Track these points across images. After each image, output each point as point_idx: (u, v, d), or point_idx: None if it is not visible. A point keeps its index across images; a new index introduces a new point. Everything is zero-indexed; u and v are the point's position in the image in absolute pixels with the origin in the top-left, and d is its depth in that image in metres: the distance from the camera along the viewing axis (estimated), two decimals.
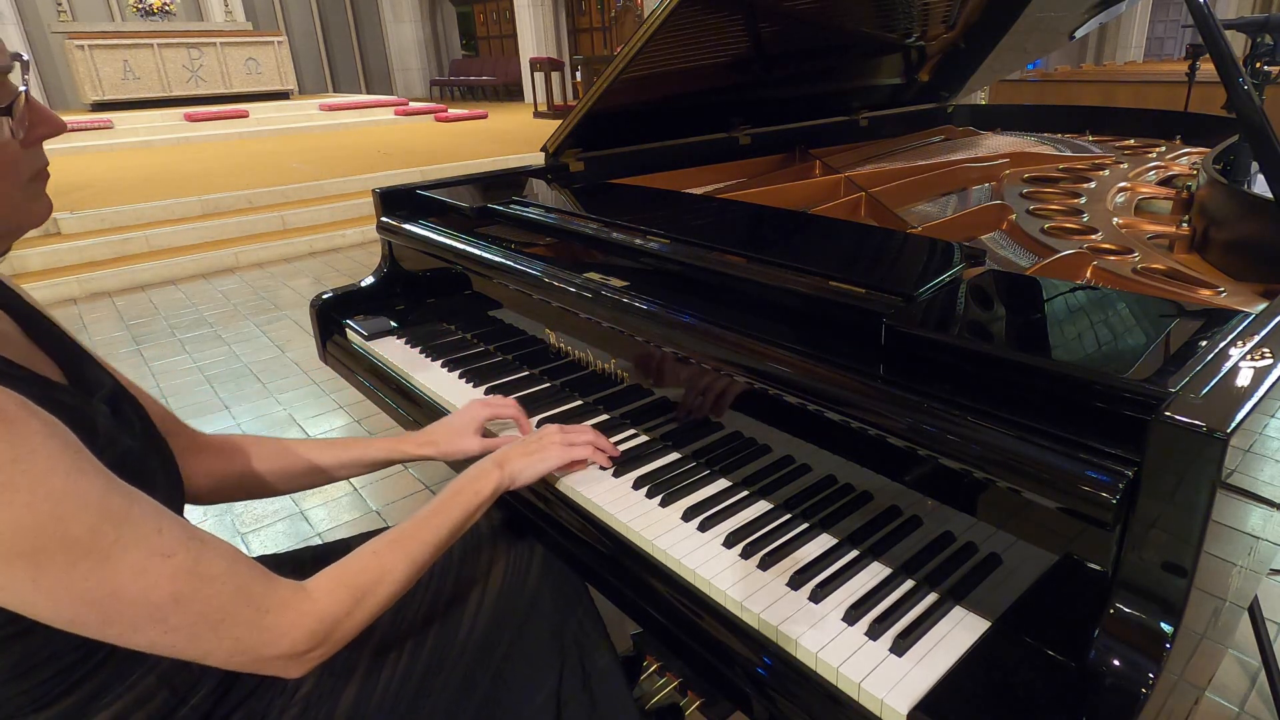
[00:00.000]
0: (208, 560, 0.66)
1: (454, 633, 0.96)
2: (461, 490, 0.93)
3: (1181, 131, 2.45)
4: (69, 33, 10.76)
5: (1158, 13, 13.65)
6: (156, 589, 0.62)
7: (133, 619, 0.62)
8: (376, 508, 2.39)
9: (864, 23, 1.99)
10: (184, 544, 0.65)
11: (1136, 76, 6.81)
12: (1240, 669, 1.65)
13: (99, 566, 0.59)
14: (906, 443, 0.80)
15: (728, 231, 1.37)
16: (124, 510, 0.62)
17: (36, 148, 0.70)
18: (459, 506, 0.91)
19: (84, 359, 0.80)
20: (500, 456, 1.00)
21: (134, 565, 0.61)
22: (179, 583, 0.63)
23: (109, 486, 0.62)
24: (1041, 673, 0.72)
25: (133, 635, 0.63)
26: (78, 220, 5.26)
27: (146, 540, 0.62)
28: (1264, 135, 1.19)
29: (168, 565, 0.63)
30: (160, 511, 0.65)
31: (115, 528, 0.60)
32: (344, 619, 0.74)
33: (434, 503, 0.90)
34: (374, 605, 0.78)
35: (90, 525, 0.59)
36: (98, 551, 0.59)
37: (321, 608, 0.72)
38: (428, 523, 0.87)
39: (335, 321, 1.75)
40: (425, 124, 11.03)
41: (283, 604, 0.70)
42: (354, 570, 0.78)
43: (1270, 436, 0.73)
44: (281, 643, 0.69)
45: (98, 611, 0.61)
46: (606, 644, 1.08)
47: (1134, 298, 0.96)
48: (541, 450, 1.04)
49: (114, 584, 0.60)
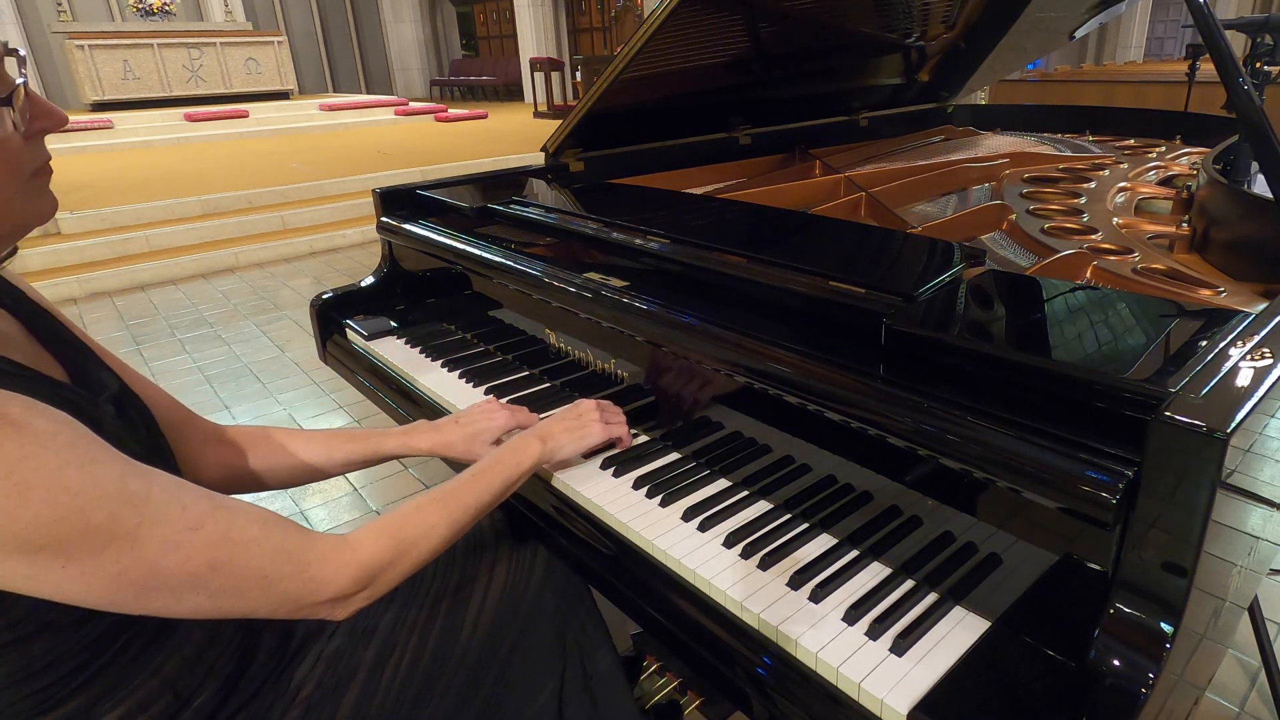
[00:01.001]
0: (240, 526, 0.68)
1: (456, 635, 0.96)
2: (503, 460, 0.95)
3: (1181, 131, 2.45)
4: (69, 33, 10.76)
5: (1158, 13, 13.65)
6: (191, 560, 0.64)
7: (174, 590, 0.64)
8: (377, 508, 2.39)
9: (864, 23, 1.99)
10: (212, 514, 0.66)
11: (1136, 76, 6.82)
12: (1240, 669, 1.65)
13: (127, 549, 0.61)
14: (906, 443, 0.80)
15: (728, 231, 1.37)
16: (144, 491, 0.63)
17: (38, 142, 0.70)
18: (500, 475, 0.93)
19: (89, 359, 0.79)
20: (543, 431, 1.02)
21: (164, 542, 0.62)
22: (213, 551, 0.65)
23: (126, 470, 0.63)
24: (1041, 673, 0.72)
25: (176, 605, 0.65)
26: (78, 220, 5.26)
27: (171, 518, 0.63)
28: (1264, 135, 1.19)
29: (198, 537, 0.64)
30: (183, 487, 0.67)
31: (137, 510, 0.61)
32: (386, 569, 0.77)
33: (476, 468, 0.93)
34: (415, 558, 0.80)
35: (110, 512, 0.60)
36: (122, 535, 0.60)
37: (364, 557, 0.75)
38: (471, 486, 0.89)
39: (335, 321, 1.75)
40: (425, 124, 11.03)
41: (322, 558, 0.73)
42: (398, 524, 0.80)
43: (1270, 436, 0.73)
44: (326, 590, 0.72)
45: (134, 588, 0.62)
46: (608, 645, 1.08)
47: (1134, 298, 0.96)
48: (583, 427, 1.06)
49: (147, 562, 0.62)
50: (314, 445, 1.07)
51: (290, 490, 2.51)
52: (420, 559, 0.81)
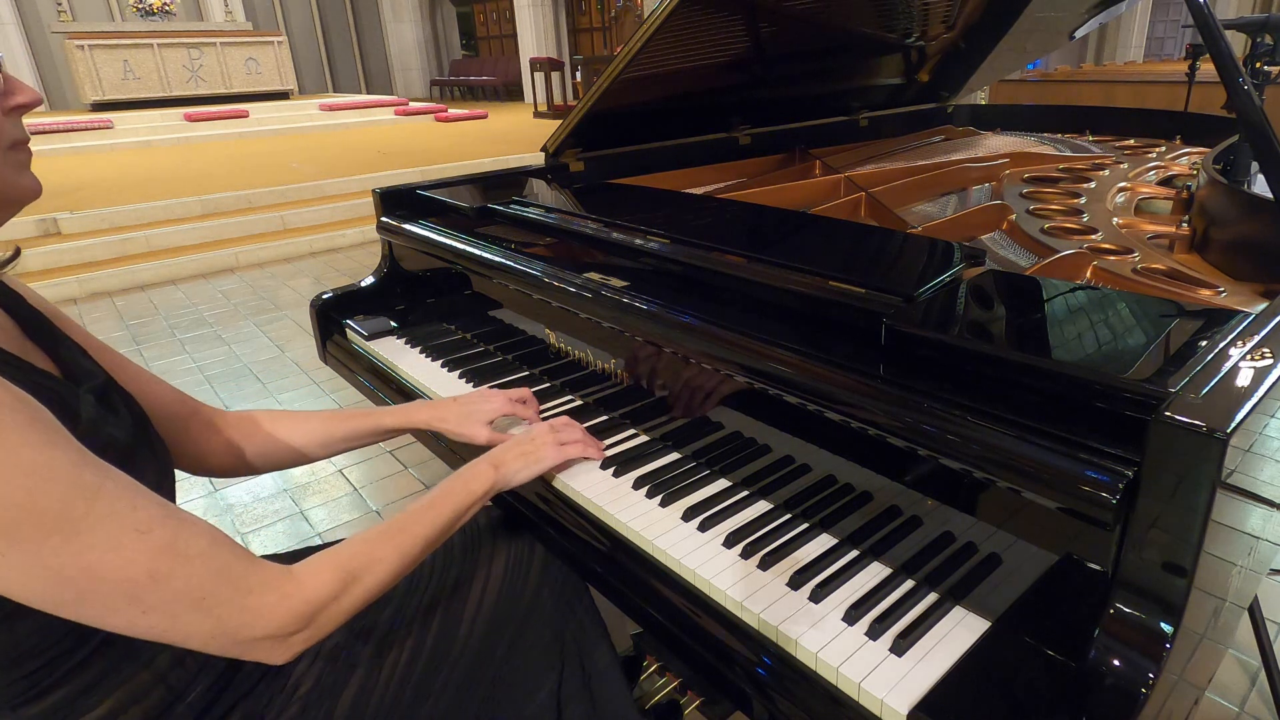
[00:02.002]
0: (186, 538, 0.65)
1: (454, 632, 0.96)
2: (454, 490, 0.93)
3: (1181, 131, 2.45)
4: (69, 33, 10.76)
5: (1158, 13, 13.65)
6: (132, 565, 0.61)
7: (108, 597, 0.61)
8: (376, 508, 2.40)
9: (864, 23, 1.99)
10: (161, 521, 0.64)
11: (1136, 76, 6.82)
12: (1240, 669, 1.65)
13: (70, 540, 0.59)
14: (906, 443, 0.80)
15: (728, 231, 1.37)
16: (96, 485, 0.61)
17: (15, 119, 0.71)
18: (451, 505, 0.91)
19: (76, 353, 0.80)
20: (495, 458, 1.00)
21: (108, 540, 0.60)
22: (156, 560, 0.63)
23: (82, 461, 0.61)
24: (1041, 673, 0.72)
25: (110, 616, 0.62)
26: (78, 220, 5.26)
27: (120, 515, 0.62)
28: (1264, 135, 1.19)
29: (144, 541, 0.62)
30: (136, 489, 0.65)
31: (87, 501, 0.60)
32: (330, 603, 0.73)
33: (427, 498, 0.90)
34: (361, 593, 0.77)
35: (61, 497, 0.58)
36: (69, 525, 0.59)
37: (308, 590, 0.72)
38: (420, 517, 0.87)
39: (335, 321, 1.75)
40: (425, 124, 11.03)
41: (265, 585, 0.69)
42: (344, 555, 0.77)
43: (1270, 436, 0.73)
44: (265, 623, 0.68)
45: (73, 589, 0.60)
46: (606, 644, 1.08)
47: (1134, 298, 0.96)
48: (536, 452, 1.04)
49: (87, 559, 0.60)
50: (314, 424, 1.10)
51: (290, 491, 2.51)
52: (367, 594, 0.77)
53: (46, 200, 5.62)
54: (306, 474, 2.60)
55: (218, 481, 2.57)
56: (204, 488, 2.54)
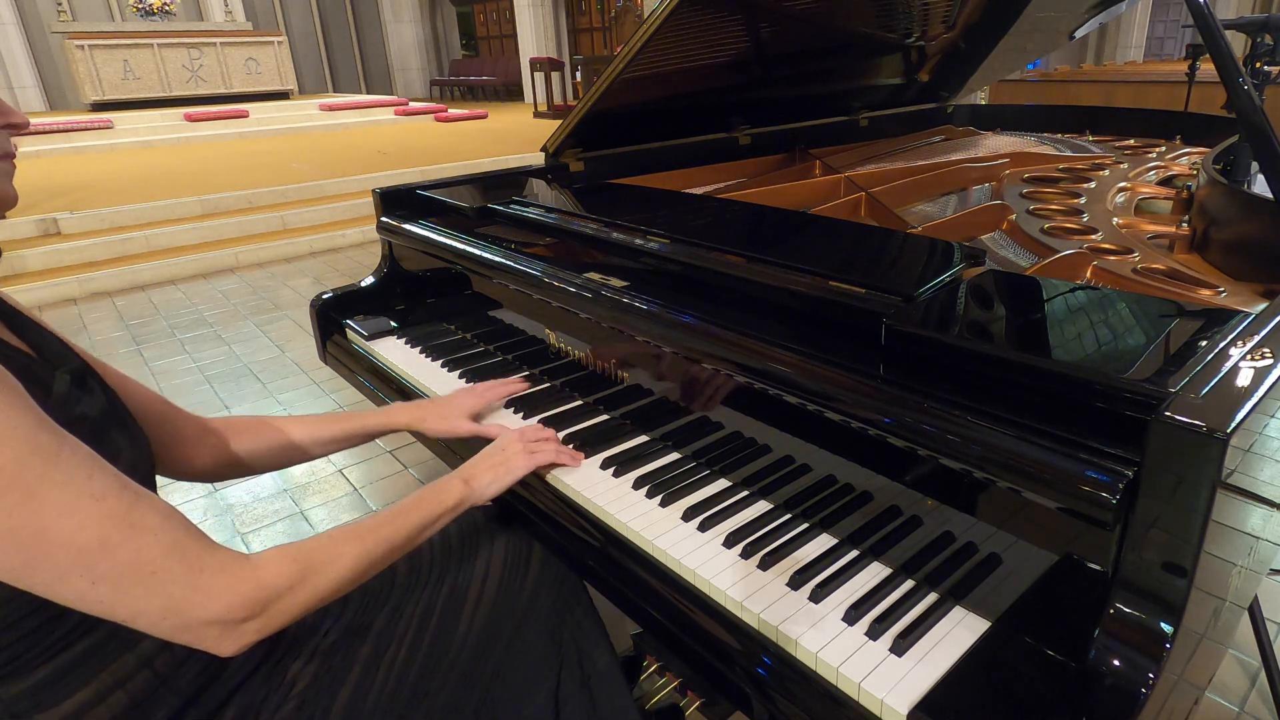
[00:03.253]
0: (141, 511, 0.65)
1: (451, 631, 0.96)
2: (425, 499, 0.93)
3: (1181, 131, 2.45)
4: (69, 33, 10.75)
5: (1158, 13, 13.64)
6: (83, 531, 0.61)
7: (58, 564, 0.61)
8: (376, 507, 2.39)
9: (864, 23, 1.99)
10: (116, 491, 0.64)
11: (1136, 76, 6.81)
12: (1240, 669, 1.64)
13: (24, 501, 0.59)
14: (906, 443, 0.80)
15: (728, 231, 1.37)
16: (54, 448, 0.61)
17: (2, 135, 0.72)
18: (419, 514, 0.91)
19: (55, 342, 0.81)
20: (466, 472, 1.01)
21: (61, 504, 0.61)
22: (107, 527, 0.62)
23: (40, 425, 0.62)
24: (1041, 673, 0.72)
25: (58, 585, 0.62)
26: (78, 220, 5.26)
27: (76, 482, 0.62)
28: (1264, 135, 1.19)
29: (97, 508, 0.62)
30: (94, 459, 0.65)
31: (43, 463, 0.60)
32: (285, 593, 0.72)
33: (397, 505, 0.91)
34: (319, 586, 0.76)
35: (16, 456, 0.59)
36: (22, 485, 0.59)
37: (262, 576, 0.71)
38: (388, 523, 0.87)
39: (335, 321, 1.75)
40: (425, 124, 11.03)
41: (220, 567, 0.68)
42: (305, 549, 0.77)
43: (1270, 436, 0.73)
44: (215, 605, 0.67)
45: (22, 553, 0.60)
46: (605, 644, 1.08)
47: (1134, 298, 0.96)
48: (506, 463, 1.04)
49: (40, 522, 0.60)
50: (299, 428, 1.11)
51: (290, 491, 2.51)
52: (325, 589, 0.76)
53: (46, 200, 5.63)
54: (306, 474, 2.60)
55: (218, 482, 2.56)
56: (204, 488, 2.53)
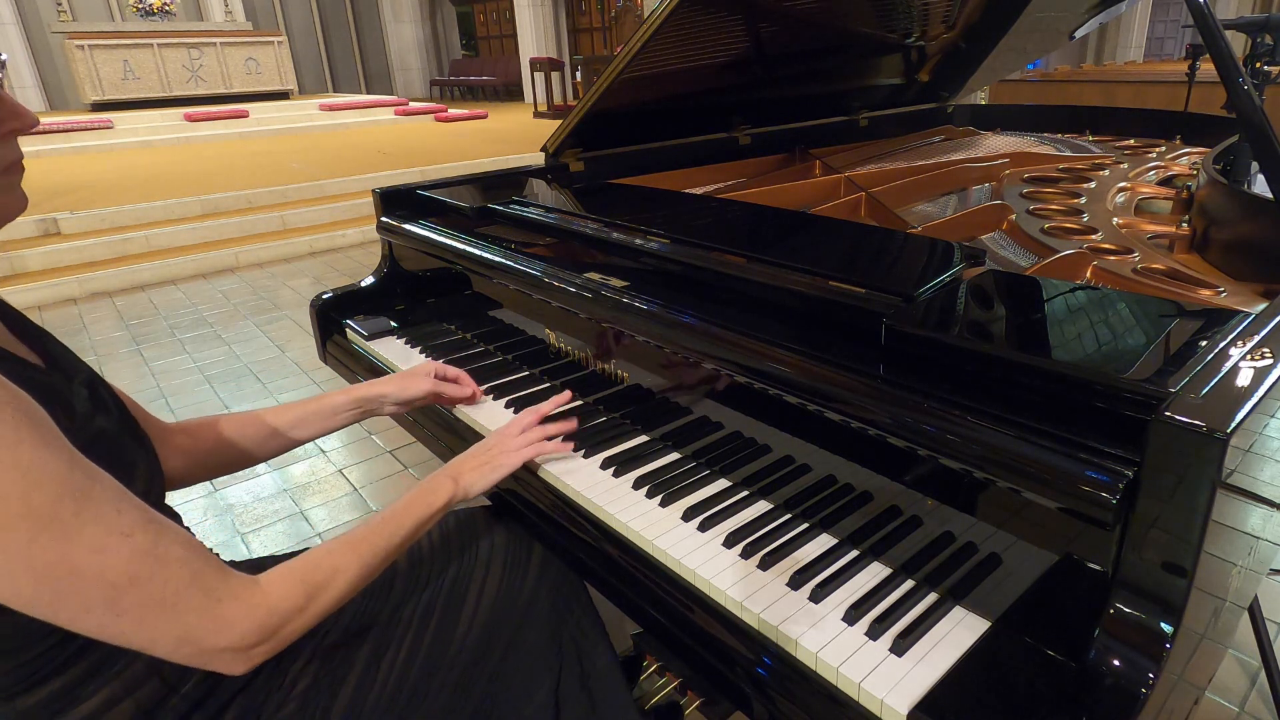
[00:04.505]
0: (166, 543, 0.66)
1: (451, 631, 0.96)
2: (414, 502, 0.93)
3: (1181, 131, 2.45)
4: (69, 33, 10.75)
5: (1158, 13, 13.64)
6: (113, 568, 0.62)
7: (86, 599, 0.62)
8: (376, 507, 2.39)
9: (864, 23, 1.99)
10: (143, 525, 0.65)
11: (1136, 76, 6.81)
12: (1240, 669, 1.64)
13: (59, 540, 0.60)
14: (906, 443, 0.80)
15: (728, 231, 1.37)
16: (86, 486, 0.62)
17: (9, 141, 0.70)
18: (411, 516, 0.91)
19: (61, 349, 0.81)
20: (454, 469, 1.01)
21: (93, 542, 0.61)
22: (136, 563, 0.64)
23: (73, 462, 0.62)
24: (1041, 673, 0.72)
25: (84, 617, 0.63)
26: (78, 220, 5.26)
27: (106, 518, 0.63)
28: (1264, 135, 1.19)
29: (126, 544, 0.63)
30: (121, 492, 0.66)
31: (76, 502, 0.61)
32: (294, 615, 0.75)
33: (387, 510, 0.91)
34: (324, 603, 0.78)
35: (54, 496, 0.59)
36: (58, 524, 0.59)
37: (273, 601, 0.73)
38: (380, 528, 0.88)
39: (335, 321, 1.75)
40: (425, 124, 11.03)
41: (234, 594, 0.70)
42: (308, 567, 0.78)
43: (1270, 436, 0.73)
44: (230, 633, 0.69)
45: (51, 588, 0.61)
46: (605, 644, 1.08)
47: (1134, 298, 0.96)
48: (494, 460, 1.04)
49: (72, 560, 0.60)
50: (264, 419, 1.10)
51: (291, 491, 2.51)
52: (330, 604, 0.79)
53: (46, 200, 5.63)
54: (306, 474, 2.60)
55: (218, 481, 2.57)
56: (204, 488, 2.53)
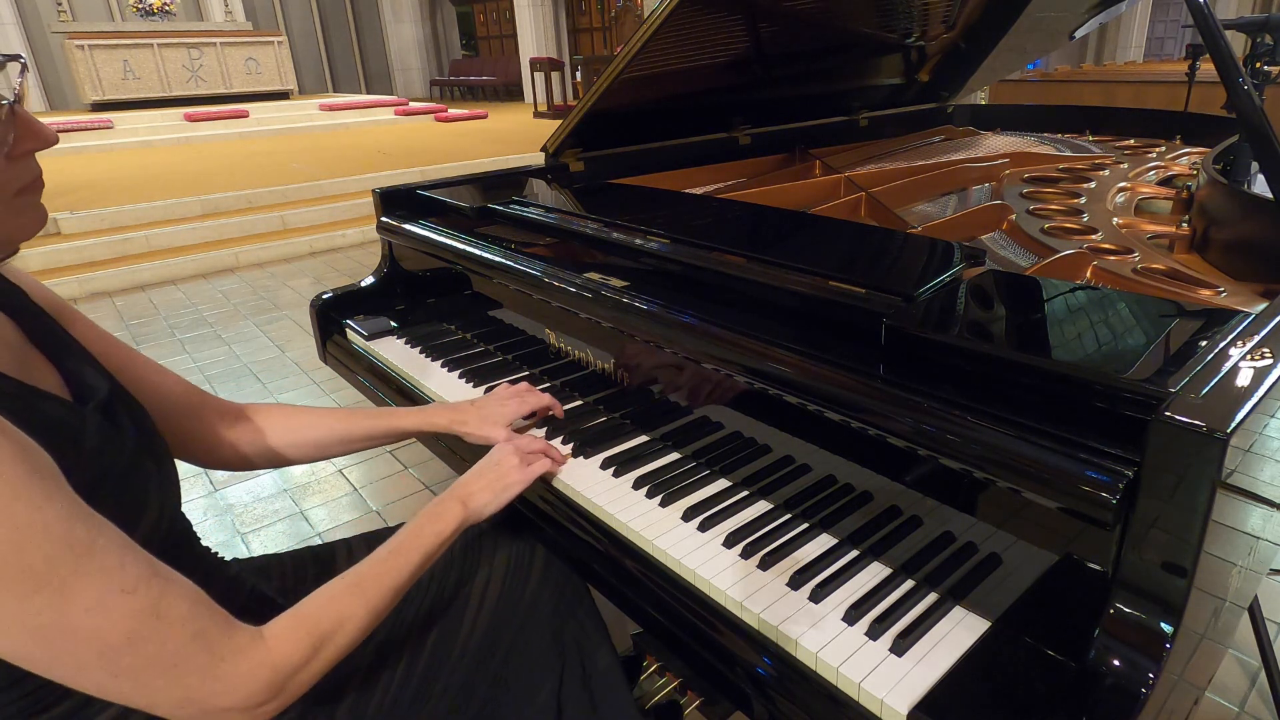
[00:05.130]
0: (170, 600, 0.63)
1: (454, 634, 0.96)
2: (422, 531, 0.89)
3: (1181, 131, 2.45)
4: (69, 33, 10.75)
5: (1158, 13, 13.64)
6: (112, 628, 0.59)
7: (81, 658, 0.59)
8: (376, 508, 2.39)
9: (864, 23, 1.99)
10: (146, 581, 0.62)
11: (1136, 76, 6.81)
12: (1240, 669, 1.64)
13: (55, 599, 0.57)
14: (906, 443, 0.80)
15: (728, 231, 1.37)
16: (88, 542, 0.59)
17: (26, 160, 0.67)
18: (419, 549, 0.87)
19: (81, 360, 0.78)
20: (463, 493, 0.97)
21: (91, 600, 0.58)
22: (135, 622, 0.61)
23: (74, 515, 0.59)
24: (1041, 673, 0.72)
25: (78, 676, 0.60)
26: (78, 220, 5.26)
27: (109, 573, 0.60)
28: (1264, 135, 1.19)
29: (127, 603, 0.60)
30: (126, 545, 0.63)
31: (76, 559, 0.58)
32: (300, 668, 0.71)
33: (393, 542, 0.86)
34: (331, 653, 0.75)
35: (49, 555, 0.56)
36: (54, 583, 0.56)
37: (277, 657, 0.70)
38: (387, 564, 0.83)
39: (335, 321, 1.75)
40: (425, 124, 11.03)
41: (238, 651, 0.67)
42: (312, 618, 0.74)
43: (1270, 436, 0.73)
44: (235, 694, 0.66)
45: (46, 648, 0.58)
46: (607, 644, 1.08)
47: (1134, 298, 0.96)
48: (503, 479, 1.01)
49: (68, 620, 0.57)
50: (332, 421, 1.09)
51: (291, 491, 2.51)
52: (337, 654, 0.75)
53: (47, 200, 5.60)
54: (306, 474, 2.60)
55: (218, 481, 2.57)
56: (204, 488, 2.54)
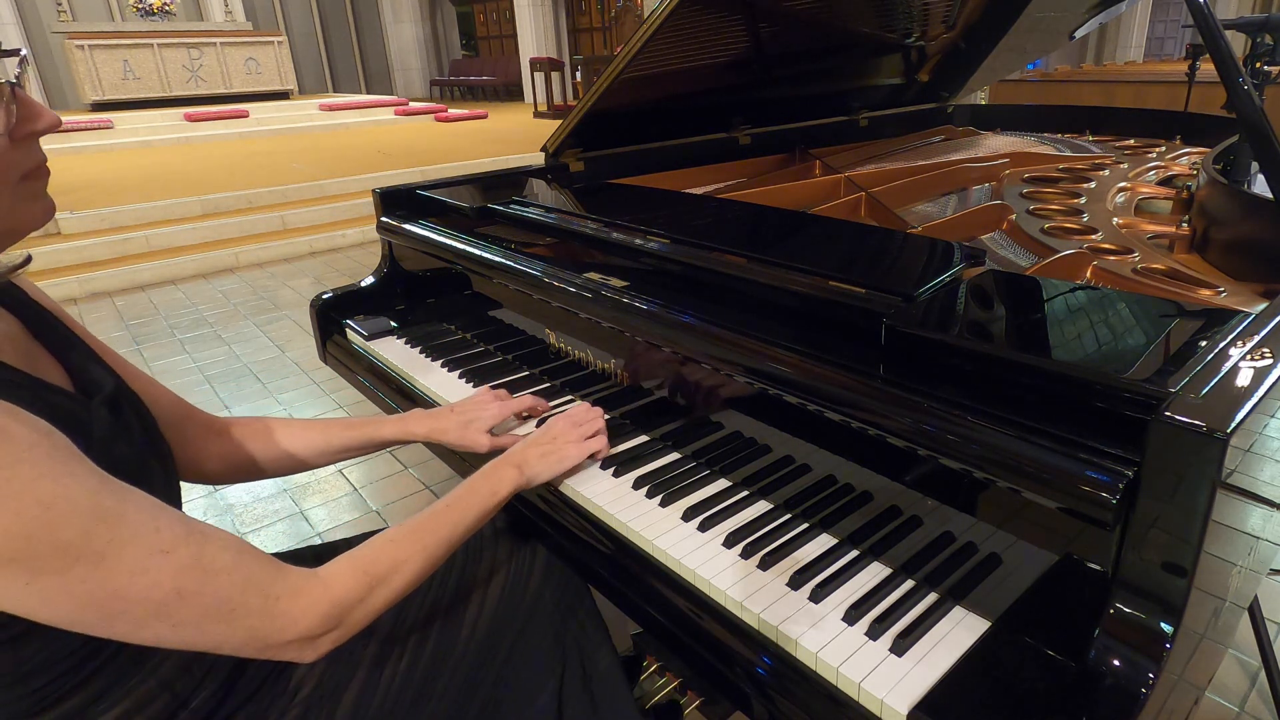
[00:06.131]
0: (211, 553, 0.66)
1: (456, 634, 0.96)
2: (478, 489, 0.93)
3: (1181, 131, 2.45)
4: (69, 33, 10.76)
5: (1158, 13, 13.64)
6: (158, 586, 0.62)
7: (137, 616, 0.62)
8: (376, 508, 2.39)
9: (864, 23, 1.99)
10: (184, 539, 0.65)
11: (1136, 76, 6.82)
12: (1240, 669, 1.64)
13: (94, 569, 0.59)
14: (906, 443, 0.80)
15: (728, 231, 1.37)
16: (118, 510, 0.61)
17: (30, 144, 0.68)
18: (475, 505, 0.91)
19: (87, 358, 0.79)
20: (518, 457, 1.01)
21: (132, 564, 0.61)
22: (182, 578, 0.63)
23: (101, 487, 0.61)
24: (1041, 673, 0.72)
25: (139, 631, 0.63)
26: (78, 220, 5.26)
27: (144, 538, 0.62)
28: (1264, 135, 1.19)
29: (168, 561, 0.63)
30: (158, 508, 0.65)
31: (109, 528, 0.60)
32: (357, 605, 0.74)
33: (450, 497, 0.90)
34: (388, 594, 0.78)
35: (82, 528, 0.58)
36: (91, 554, 0.59)
37: (335, 593, 0.73)
38: (444, 516, 0.87)
39: (335, 321, 1.75)
40: (425, 124, 11.03)
41: (294, 591, 0.70)
42: (370, 558, 0.78)
43: (1270, 436, 0.73)
44: (295, 628, 0.70)
45: (98, 611, 0.61)
46: (608, 645, 1.08)
47: (1134, 298, 0.96)
48: (558, 451, 1.04)
49: (113, 584, 0.60)
50: (312, 433, 1.10)
51: (290, 491, 2.51)
52: (394, 594, 0.79)
53: None
54: (306, 474, 2.60)
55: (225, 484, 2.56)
56: (204, 488, 2.53)
